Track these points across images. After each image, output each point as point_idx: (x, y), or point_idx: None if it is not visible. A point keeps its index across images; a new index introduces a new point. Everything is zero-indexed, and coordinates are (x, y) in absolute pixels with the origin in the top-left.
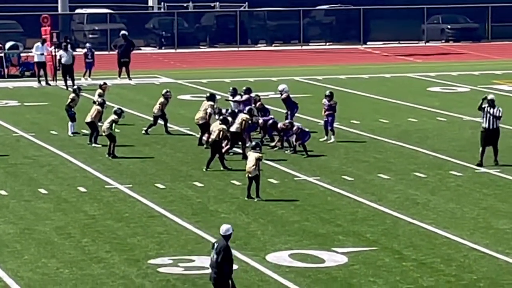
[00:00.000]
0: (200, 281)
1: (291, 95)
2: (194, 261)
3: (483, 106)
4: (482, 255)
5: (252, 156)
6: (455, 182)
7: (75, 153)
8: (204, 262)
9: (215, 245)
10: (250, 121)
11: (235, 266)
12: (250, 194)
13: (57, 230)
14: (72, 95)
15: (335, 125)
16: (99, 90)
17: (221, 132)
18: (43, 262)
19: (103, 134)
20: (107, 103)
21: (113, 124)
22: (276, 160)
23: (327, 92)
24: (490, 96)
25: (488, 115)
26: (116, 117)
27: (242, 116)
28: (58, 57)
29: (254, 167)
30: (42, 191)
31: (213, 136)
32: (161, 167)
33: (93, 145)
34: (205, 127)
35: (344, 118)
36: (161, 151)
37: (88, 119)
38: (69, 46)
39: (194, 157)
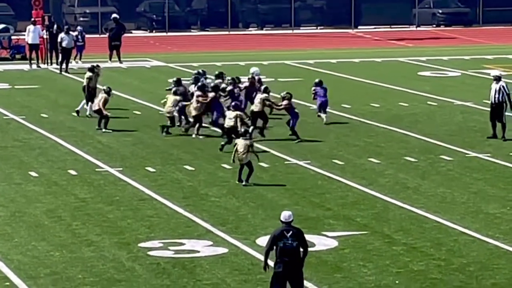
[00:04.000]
0: (190, 265)
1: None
2: (184, 244)
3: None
4: (472, 239)
5: (241, 143)
6: (446, 166)
7: (65, 136)
8: (194, 245)
9: (285, 232)
10: (268, 100)
11: (225, 250)
12: (241, 178)
13: (48, 213)
14: (89, 73)
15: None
16: (89, 73)
17: (238, 118)
18: (33, 245)
19: (94, 109)
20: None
21: (105, 104)
22: (262, 141)
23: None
24: (493, 72)
25: (492, 90)
26: (106, 95)
27: (261, 96)
28: (59, 40)
29: (244, 155)
30: (33, 174)
31: (230, 123)
32: (152, 150)
33: (103, 130)
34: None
35: (335, 102)
36: (152, 135)
37: (96, 107)
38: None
39: (185, 140)
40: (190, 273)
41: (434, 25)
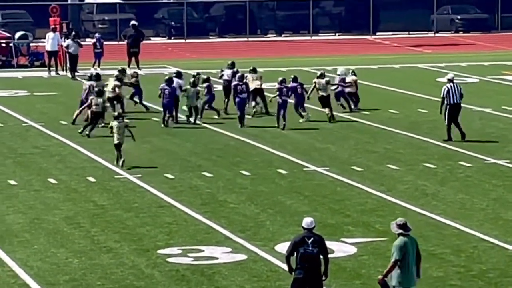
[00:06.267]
0: (209, 271)
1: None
2: (203, 251)
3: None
4: (491, 246)
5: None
6: (465, 172)
7: (84, 143)
8: (213, 252)
9: (306, 239)
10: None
11: (244, 256)
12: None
13: (67, 220)
14: (117, 83)
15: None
16: (116, 82)
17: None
18: (53, 252)
19: (109, 96)
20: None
21: (117, 89)
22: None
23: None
24: (449, 75)
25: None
26: (118, 83)
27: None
28: (65, 46)
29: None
30: (52, 181)
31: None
32: (171, 157)
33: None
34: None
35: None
36: (171, 142)
37: (111, 94)
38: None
39: (204, 147)
40: (209, 279)
41: (453, 31)
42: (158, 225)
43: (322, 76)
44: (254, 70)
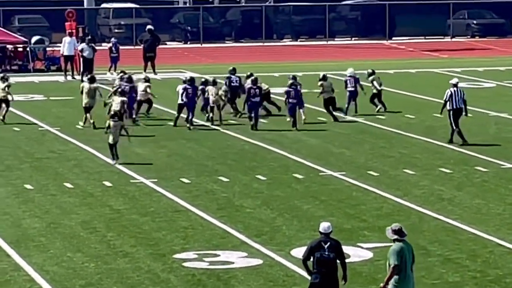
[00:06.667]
0: (225, 276)
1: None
2: (219, 255)
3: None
4: (508, 251)
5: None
6: (481, 177)
7: (100, 147)
8: (229, 257)
9: (322, 243)
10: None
11: (260, 261)
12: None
13: (83, 224)
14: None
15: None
16: (147, 84)
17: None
18: (69, 256)
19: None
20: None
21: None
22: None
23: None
24: (454, 80)
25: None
26: (149, 84)
27: None
28: (79, 49)
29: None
30: (68, 185)
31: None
32: (187, 161)
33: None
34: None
35: (369, 113)
36: (186, 146)
37: (143, 96)
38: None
39: (220, 152)
40: (225, 284)
41: (469, 36)
42: (174, 229)
43: (324, 78)
44: (250, 76)
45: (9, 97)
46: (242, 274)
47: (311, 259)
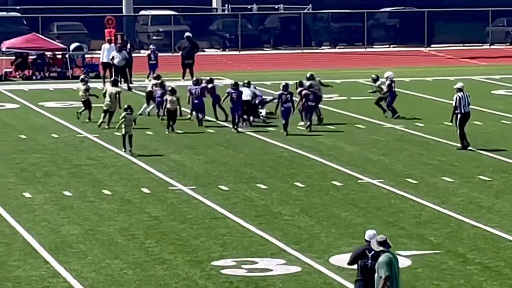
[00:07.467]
0: (263, 283)
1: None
2: (257, 263)
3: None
4: None
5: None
6: None
7: (138, 154)
8: (267, 264)
9: (367, 252)
10: None
11: (298, 268)
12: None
13: (121, 231)
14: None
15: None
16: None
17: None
18: (107, 263)
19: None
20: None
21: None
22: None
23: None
24: (458, 84)
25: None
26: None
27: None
28: (110, 57)
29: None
30: (106, 192)
31: None
32: (225, 168)
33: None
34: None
35: (408, 120)
36: (224, 153)
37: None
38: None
39: (258, 159)
40: None
41: (508, 44)
42: (212, 236)
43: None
44: (248, 84)
45: (90, 99)
46: (280, 281)
47: (356, 266)
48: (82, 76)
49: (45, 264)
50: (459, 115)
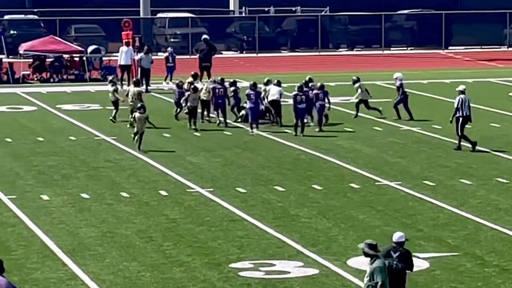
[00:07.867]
0: (281, 286)
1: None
2: (275, 265)
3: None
4: None
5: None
6: None
7: (156, 156)
8: (285, 266)
9: (392, 252)
10: None
11: (316, 271)
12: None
13: (139, 233)
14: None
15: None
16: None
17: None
18: (125, 265)
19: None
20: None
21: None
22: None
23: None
24: (461, 87)
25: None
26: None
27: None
28: (136, 59)
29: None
30: (124, 194)
31: None
32: (242, 171)
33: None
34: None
35: (425, 122)
36: (242, 155)
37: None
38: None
39: (275, 161)
40: None
41: None
42: (230, 239)
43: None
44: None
45: (120, 99)
46: (298, 283)
47: None
48: (110, 78)
49: (63, 266)
50: (460, 119)
